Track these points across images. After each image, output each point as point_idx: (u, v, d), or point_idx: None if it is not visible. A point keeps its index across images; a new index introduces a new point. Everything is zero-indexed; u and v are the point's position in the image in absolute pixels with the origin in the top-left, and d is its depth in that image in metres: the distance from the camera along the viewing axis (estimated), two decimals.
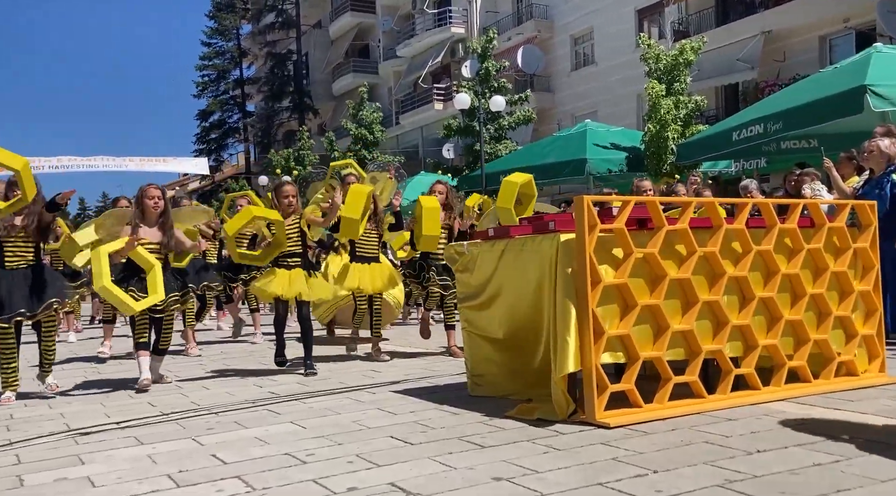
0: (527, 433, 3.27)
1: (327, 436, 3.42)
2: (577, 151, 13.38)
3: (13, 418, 4.29)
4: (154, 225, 5.25)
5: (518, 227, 3.95)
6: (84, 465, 3.09)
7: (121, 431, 3.76)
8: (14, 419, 4.27)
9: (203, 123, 42.62)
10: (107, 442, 3.52)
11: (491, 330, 4.11)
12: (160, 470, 2.95)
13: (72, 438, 3.64)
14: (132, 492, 2.66)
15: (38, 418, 4.26)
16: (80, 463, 3.14)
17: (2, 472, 3.03)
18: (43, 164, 13.90)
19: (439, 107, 30.37)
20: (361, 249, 6.36)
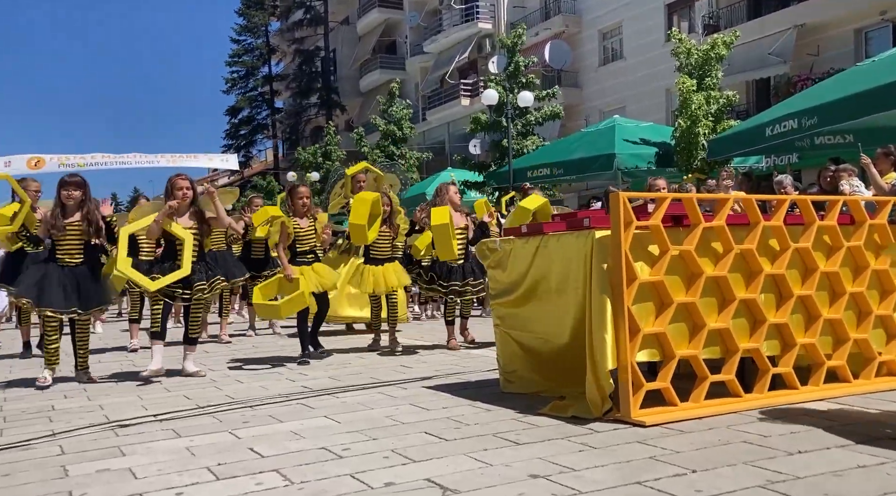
0: (561, 430, 3.26)
1: (361, 430, 3.44)
2: (605, 147, 13.28)
3: (54, 409, 4.38)
4: (185, 213, 5.41)
5: (552, 224, 3.94)
6: (125, 457, 3.15)
7: (159, 424, 3.82)
8: (55, 410, 4.36)
9: (232, 120, 43.05)
10: (146, 434, 3.59)
11: (523, 327, 4.10)
12: (200, 462, 2.99)
13: (112, 430, 3.71)
14: (173, 483, 2.71)
15: (78, 409, 4.35)
16: (121, 454, 3.20)
17: (47, 462, 3.09)
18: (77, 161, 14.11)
19: (466, 102, 30.30)
20: (375, 251, 6.55)
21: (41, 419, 4.09)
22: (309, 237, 6.14)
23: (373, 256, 6.54)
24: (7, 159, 12.93)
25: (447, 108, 31.46)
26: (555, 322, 3.82)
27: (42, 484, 2.78)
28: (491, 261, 4.35)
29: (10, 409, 4.43)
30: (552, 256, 3.78)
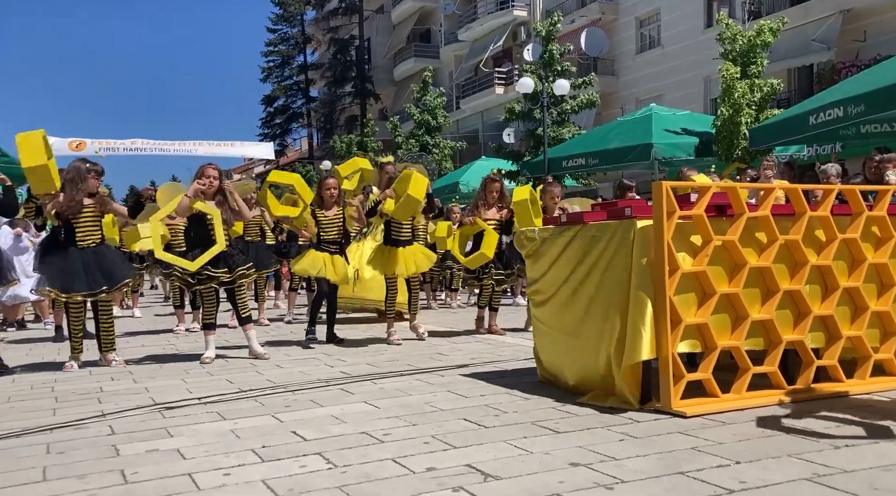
0: (600, 420, 3.26)
1: (401, 416, 3.48)
2: (642, 136, 13.11)
3: (102, 391, 4.51)
4: (211, 201, 5.62)
5: (592, 213, 3.91)
6: (173, 438, 3.23)
7: (203, 407, 3.91)
8: (103, 392, 4.49)
9: (268, 108, 43.45)
10: (191, 416, 3.67)
11: (559, 316, 4.07)
12: (245, 444, 3.06)
13: (158, 412, 3.81)
14: (220, 464, 2.77)
15: (125, 391, 4.47)
16: (168, 435, 3.29)
17: (98, 442, 3.19)
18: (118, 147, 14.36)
19: (500, 91, 30.14)
20: (398, 233, 6.53)
21: (91, 400, 4.22)
22: (333, 226, 6.37)
23: (395, 238, 6.53)
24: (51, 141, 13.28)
25: (481, 96, 31.34)
26: (590, 312, 3.78)
27: (95, 462, 2.87)
28: (528, 251, 4.34)
29: (60, 390, 4.57)
30: (591, 246, 3.76)
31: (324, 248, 6.33)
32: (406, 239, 6.57)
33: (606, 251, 3.64)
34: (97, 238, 5.36)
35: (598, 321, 3.65)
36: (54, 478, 2.67)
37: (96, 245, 5.34)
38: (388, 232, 6.59)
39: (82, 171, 5.35)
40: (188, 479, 2.60)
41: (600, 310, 3.65)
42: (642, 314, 3.39)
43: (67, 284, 5.19)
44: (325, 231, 6.36)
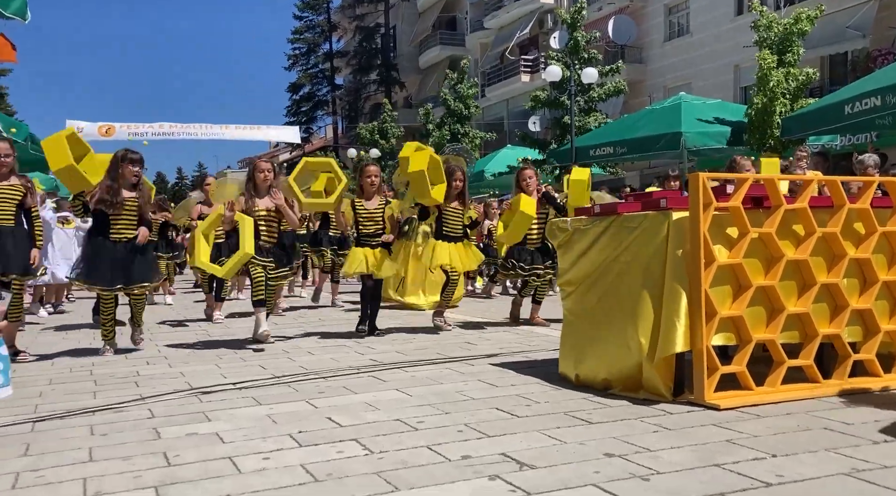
0: (633, 411, 3.26)
1: (433, 404, 3.52)
2: (671, 124, 12.97)
3: (139, 375, 4.61)
4: (265, 195, 5.70)
5: (626, 204, 3.89)
6: (210, 422, 3.30)
7: (238, 392, 3.98)
8: (140, 375, 4.59)
9: (293, 96, 43.68)
10: (227, 401, 3.74)
11: (589, 307, 4.06)
12: (281, 429, 3.12)
13: (195, 396, 3.89)
14: (259, 448, 2.83)
15: (161, 375, 4.56)
16: (206, 419, 3.36)
17: (139, 425, 3.27)
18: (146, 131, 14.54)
19: (526, 79, 29.97)
20: (448, 228, 6.44)
21: (129, 384, 4.31)
22: (374, 219, 6.11)
23: (445, 233, 6.43)
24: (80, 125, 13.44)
25: (507, 84, 31.19)
26: (623, 304, 3.77)
27: (138, 444, 2.94)
28: (560, 241, 4.34)
29: (98, 374, 4.68)
30: (624, 237, 3.75)
31: (364, 242, 6.13)
32: (456, 235, 6.45)
33: (640, 242, 3.62)
34: (132, 233, 5.31)
35: (631, 313, 3.64)
36: (101, 459, 2.74)
37: (131, 241, 5.30)
38: (438, 226, 6.48)
39: (116, 160, 5.30)
40: (229, 463, 2.66)
41: (633, 301, 3.64)
42: (676, 306, 3.38)
43: (93, 276, 5.25)
44: (365, 224, 6.12)
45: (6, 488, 2.45)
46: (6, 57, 10.45)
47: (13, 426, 3.30)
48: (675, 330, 3.37)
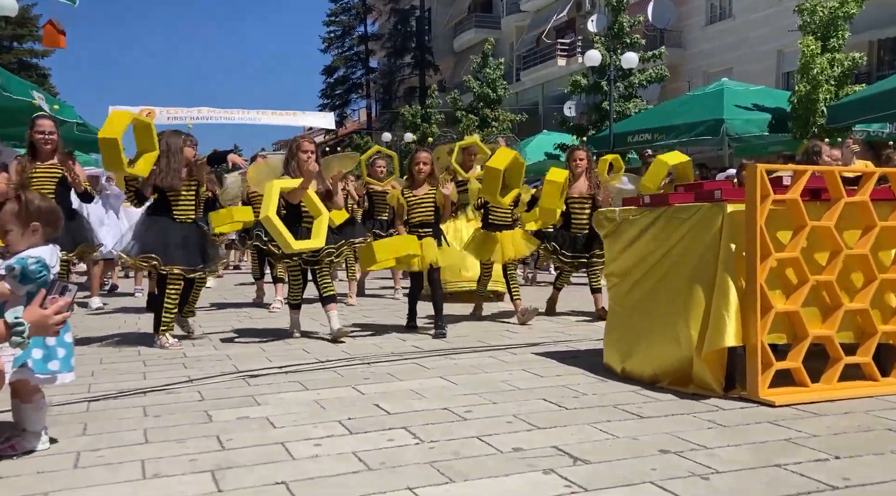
0: (685, 406, 3.22)
1: (480, 393, 3.51)
2: (713, 111, 12.74)
3: (186, 357, 4.68)
4: (311, 178, 5.34)
5: (678, 195, 3.82)
6: (260, 406, 3.34)
7: (285, 376, 4.01)
8: (187, 357, 4.65)
9: (328, 79, 43.77)
10: (275, 385, 3.78)
11: (637, 300, 3.99)
12: (330, 416, 3.13)
13: (242, 379, 3.94)
14: (310, 435, 2.85)
15: (207, 358, 4.62)
16: (255, 403, 3.39)
17: (190, 407, 3.32)
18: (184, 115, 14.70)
19: (562, 63, 29.63)
20: (495, 217, 6.25)
21: (177, 365, 4.38)
22: (424, 207, 5.71)
23: (492, 222, 6.24)
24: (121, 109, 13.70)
25: (542, 68, 30.86)
26: (671, 297, 3.70)
27: (191, 427, 2.99)
28: (607, 231, 4.28)
29: (147, 354, 4.76)
30: (675, 229, 3.67)
31: (412, 232, 5.69)
32: (506, 223, 6.23)
33: (692, 235, 3.55)
34: (192, 214, 5.18)
35: (681, 306, 3.58)
36: (156, 441, 2.79)
37: (193, 222, 5.19)
38: (485, 215, 6.27)
39: (176, 144, 5.17)
40: (282, 448, 2.68)
41: (683, 295, 3.57)
42: (727, 300, 3.31)
43: (169, 256, 4.98)
44: (414, 213, 5.70)
45: (68, 466, 2.50)
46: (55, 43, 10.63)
47: (69, 405, 3.37)
48: (725, 324, 3.30)
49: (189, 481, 2.34)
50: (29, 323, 2.30)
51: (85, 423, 3.05)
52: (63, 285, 2.45)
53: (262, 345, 5.07)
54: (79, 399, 3.48)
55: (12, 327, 2.27)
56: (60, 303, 2.39)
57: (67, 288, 2.45)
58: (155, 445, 2.74)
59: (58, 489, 2.29)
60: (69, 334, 2.74)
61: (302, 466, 2.48)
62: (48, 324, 2.37)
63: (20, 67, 29.77)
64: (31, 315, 2.32)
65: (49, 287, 2.43)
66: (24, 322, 2.29)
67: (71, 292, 2.45)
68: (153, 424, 3.03)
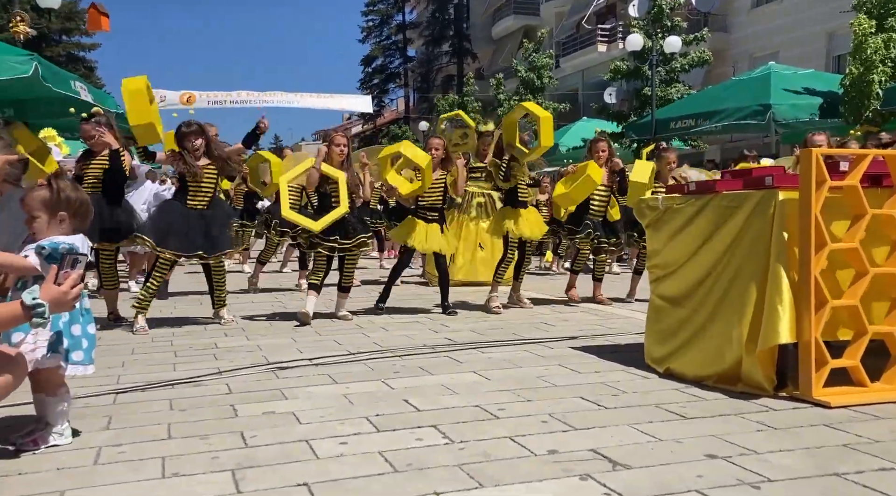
0: (732, 406, 3.03)
1: (513, 390, 3.36)
2: (759, 96, 12.28)
3: (217, 347, 4.63)
4: (339, 168, 5.60)
5: (726, 182, 3.61)
6: (287, 400, 3.25)
7: (314, 368, 3.93)
8: (218, 348, 4.61)
9: (366, 69, 43.80)
10: (304, 378, 3.69)
11: (682, 293, 3.79)
12: (358, 411, 3.03)
13: (272, 371, 3.86)
14: (336, 432, 2.75)
15: (238, 348, 4.57)
16: (283, 397, 3.30)
17: (217, 401, 3.25)
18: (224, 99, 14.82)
19: (602, 49, 29.07)
20: (522, 193, 6.29)
21: (207, 356, 4.33)
22: (434, 190, 5.99)
23: (521, 198, 6.28)
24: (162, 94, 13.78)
25: (582, 54, 30.34)
26: (719, 291, 3.50)
27: (217, 422, 2.91)
28: (649, 220, 4.08)
29: (178, 344, 4.72)
30: (723, 218, 3.47)
31: (421, 215, 6.04)
32: (527, 200, 6.35)
33: (742, 224, 3.34)
34: (208, 200, 5.29)
35: (728, 299, 3.38)
36: (179, 437, 2.71)
37: (205, 207, 5.28)
38: (513, 193, 6.24)
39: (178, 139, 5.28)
40: (306, 446, 2.58)
41: (731, 288, 3.37)
42: (781, 294, 3.10)
43: (164, 240, 5.09)
44: (423, 196, 6.02)
45: (89, 463, 2.44)
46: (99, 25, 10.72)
47: (97, 396, 3.33)
48: (778, 319, 3.09)
49: (208, 481, 2.26)
50: (47, 302, 2.23)
51: (110, 416, 2.99)
52: (73, 258, 2.37)
53: (293, 336, 5.00)
54: (107, 391, 3.44)
55: (32, 308, 2.20)
56: (74, 276, 2.32)
57: (77, 259, 2.37)
58: (177, 441, 2.66)
59: (76, 487, 2.22)
60: (92, 326, 2.68)
61: (325, 467, 2.37)
62: (66, 300, 2.29)
63: (68, 60, 30.40)
64: (47, 293, 2.25)
65: (60, 262, 2.35)
66: (42, 302, 2.21)
67: (81, 263, 2.38)
68: (178, 419, 2.96)
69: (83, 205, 2.69)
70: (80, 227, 2.69)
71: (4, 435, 2.67)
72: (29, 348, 2.54)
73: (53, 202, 2.62)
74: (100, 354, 4.29)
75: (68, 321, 2.62)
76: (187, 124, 5.36)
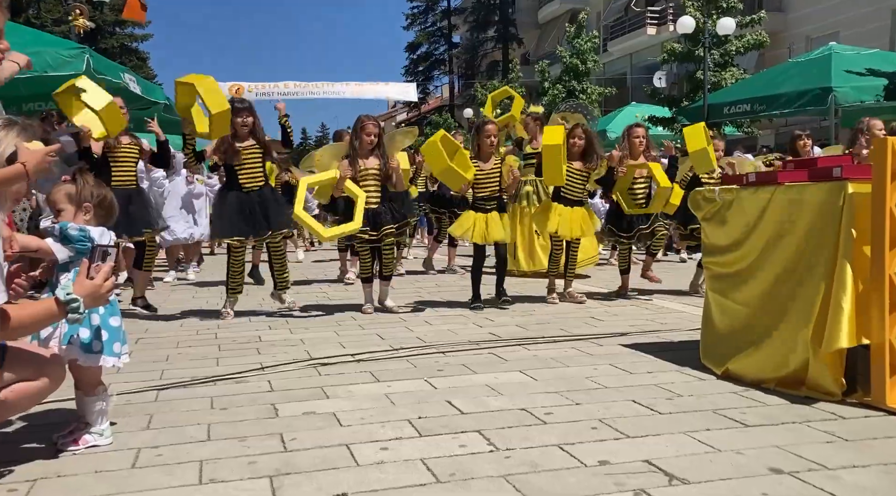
0: (796, 412, 2.84)
1: (561, 392, 3.23)
2: (819, 79, 11.76)
3: (261, 341, 4.61)
4: (370, 155, 5.51)
5: (788, 173, 3.39)
6: (328, 399, 3.18)
7: (356, 365, 3.85)
8: (262, 341, 4.58)
9: (411, 56, 43.69)
10: (346, 375, 3.62)
11: (742, 292, 3.57)
12: (400, 413, 2.94)
13: (314, 367, 3.80)
14: (377, 436, 2.66)
15: (282, 342, 4.53)
16: (324, 396, 3.24)
17: (259, 399, 3.19)
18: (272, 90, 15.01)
19: (652, 31, 28.40)
20: (566, 191, 5.97)
21: (251, 350, 4.30)
22: (489, 181, 5.76)
23: (563, 195, 5.98)
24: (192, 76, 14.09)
25: (630, 38, 29.71)
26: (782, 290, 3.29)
27: (256, 422, 2.85)
28: (706, 213, 3.87)
29: (223, 337, 4.72)
30: (787, 212, 3.25)
31: (479, 206, 5.80)
32: (575, 199, 5.97)
33: (807, 218, 3.13)
34: (260, 181, 5.34)
35: (792, 298, 3.17)
36: (218, 439, 2.66)
37: (260, 189, 5.32)
38: (556, 187, 6.01)
39: None
40: (346, 451, 2.49)
41: (795, 286, 3.16)
42: (850, 294, 2.89)
43: (226, 228, 5.29)
44: (479, 186, 5.76)
45: (126, 466, 2.40)
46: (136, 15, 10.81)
47: (139, 393, 3.31)
48: (845, 321, 2.88)
49: (245, 488, 2.19)
50: (82, 296, 2.19)
51: (151, 415, 2.96)
52: (103, 250, 2.34)
53: (336, 330, 4.94)
54: (150, 387, 3.42)
55: (67, 304, 2.16)
56: (106, 269, 2.28)
57: (107, 251, 2.34)
58: (216, 444, 2.61)
59: (111, 493, 2.18)
60: (116, 318, 2.63)
61: (365, 475, 2.28)
62: (100, 293, 2.25)
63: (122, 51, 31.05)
64: (81, 288, 2.21)
65: (90, 255, 2.33)
66: (77, 297, 2.17)
67: (111, 255, 2.34)
68: (218, 418, 2.92)
69: (106, 199, 2.71)
70: (105, 222, 2.70)
71: (49, 433, 2.66)
72: (57, 343, 2.51)
73: (78, 196, 2.63)
74: (145, 348, 4.35)
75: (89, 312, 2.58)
76: (240, 101, 5.52)
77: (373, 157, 5.51)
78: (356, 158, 5.46)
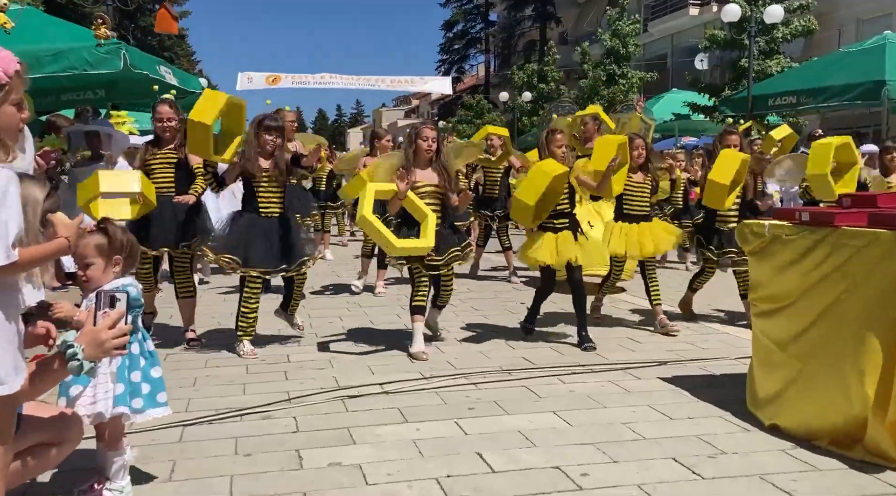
0: (853, 482, 2.66)
1: (598, 444, 3.09)
2: (872, 71, 11.19)
3: (289, 361, 4.53)
4: (427, 167, 4.75)
5: (846, 215, 3.16)
6: (355, 446, 3.09)
7: (385, 398, 3.75)
8: (290, 362, 4.50)
9: (447, 34, 43.24)
10: (374, 412, 3.52)
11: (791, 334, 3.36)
12: (428, 469, 2.83)
13: (341, 401, 3.70)
14: None
15: (310, 364, 4.44)
16: (350, 441, 3.14)
17: (285, 443, 3.10)
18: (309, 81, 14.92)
19: (694, 12, 27.50)
20: (629, 206, 5.48)
21: (278, 374, 4.23)
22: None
23: (626, 212, 5.48)
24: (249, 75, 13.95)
25: (672, 18, 28.80)
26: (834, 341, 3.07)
27: (280, 475, 2.77)
28: (753, 248, 3.66)
29: (251, 359, 4.60)
30: (841, 257, 3.02)
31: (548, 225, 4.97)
32: (641, 213, 5.47)
33: (866, 266, 2.92)
34: (278, 207, 4.74)
35: (850, 352, 2.97)
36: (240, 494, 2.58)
37: (279, 215, 4.74)
38: (618, 205, 5.54)
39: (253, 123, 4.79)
40: None
41: (854, 339, 2.96)
42: None
43: (247, 256, 4.59)
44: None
45: None
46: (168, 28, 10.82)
47: (165, 430, 3.24)
48: None
49: None
50: (82, 344, 2.09)
51: (174, 461, 2.90)
52: (110, 295, 2.19)
53: (365, 349, 4.84)
54: (175, 422, 3.34)
55: (64, 352, 2.07)
56: (113, 316, 2.15)
57: (116, 297, 2.19)
58: None
59: None
60: (157, 369, 2.57)
61: None
62: (102, 340, 2.11)
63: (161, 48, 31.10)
64: (83, 335, 2.11)
65: (96, 301, 2.17)
66: (73, 343, 2.08)
67: (121, 301, 2.19)
68: (242, 469, 2.84)
69: (134, 247, 2.64)
70: (130, 270, 2.63)
71: (69, 483, 2.61)
72: (88, 402, 2.45)
73: (109, 248, 2.54)
74: (173, 368, 4.28)
75: (128, 367, 2.51)
76: (273, 118, 4.86)
77: (430, 169, 4.76)
78: (412, 172, 4.65)
